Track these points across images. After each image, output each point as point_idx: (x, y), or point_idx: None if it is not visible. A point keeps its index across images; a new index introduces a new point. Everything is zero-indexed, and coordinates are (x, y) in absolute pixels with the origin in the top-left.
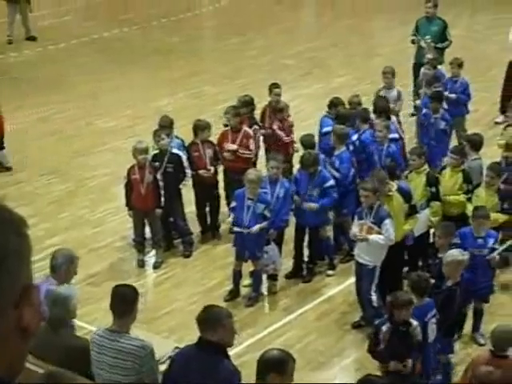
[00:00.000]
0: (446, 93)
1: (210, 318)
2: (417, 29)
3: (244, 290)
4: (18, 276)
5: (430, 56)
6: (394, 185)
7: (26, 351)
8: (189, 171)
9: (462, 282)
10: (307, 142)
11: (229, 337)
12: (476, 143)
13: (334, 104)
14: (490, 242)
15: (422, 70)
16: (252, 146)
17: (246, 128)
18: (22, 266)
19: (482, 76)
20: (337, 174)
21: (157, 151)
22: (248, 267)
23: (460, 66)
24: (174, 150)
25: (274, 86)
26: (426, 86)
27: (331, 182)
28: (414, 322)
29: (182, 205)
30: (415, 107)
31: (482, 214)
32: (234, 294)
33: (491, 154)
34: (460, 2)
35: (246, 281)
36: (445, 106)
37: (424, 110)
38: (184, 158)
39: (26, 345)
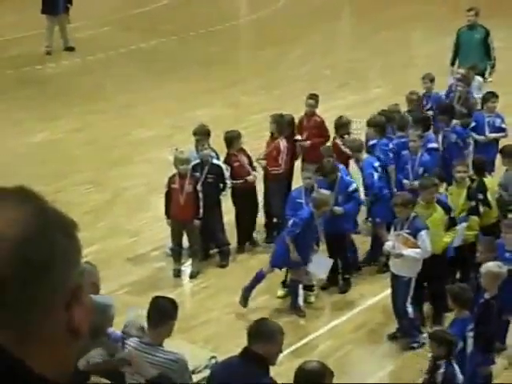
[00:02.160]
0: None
1: (263, 331)
2: (458, 38)
3: (277, 301)
4: (69, 276)
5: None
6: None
7: (76, 352)
8: (229, 182)
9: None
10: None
11: (276, 353)
12: (511, 153)
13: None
14: None
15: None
16: (280, 161)
17: (280, 141)
18: (70, 267)
19: None
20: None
21: (198, 161)
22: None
23: (432, 80)
24: (215, 161)
25: (310, 96)
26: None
27: (354, 186)
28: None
29: (222, 215)
30: None
31: (506, 224)
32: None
33: None
34: (498, 14)
35: (280, 291)
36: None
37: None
38: (224, 168)
39: (76, 346)
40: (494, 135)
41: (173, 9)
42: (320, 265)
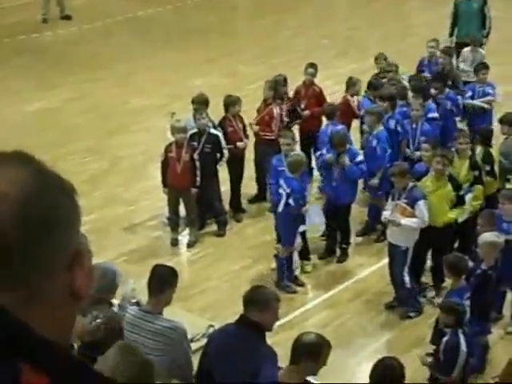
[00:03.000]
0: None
1: (258, 299)
2: (456, 8)
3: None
4: (71, 238)
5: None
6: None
7: (75, 316)
8: (226, 151)
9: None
10: None
11: (272, 320)
12: (511, 122)
13: (374, 85)
14: None
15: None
16: (274, 127)
17: (273, 107)
18: (72, 229)
19: None
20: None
21: (195, 130)
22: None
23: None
24: (212, 131)
25: (309, 65)
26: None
27: (360, 157)
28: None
29: (219, 185)
30: None
31: (504, 195)
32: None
33: None
34: None
35: (274, 264)
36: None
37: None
38: (222, 138)
39: (76, 309)
40: (481, 100)
41: None
42: (317, 214)
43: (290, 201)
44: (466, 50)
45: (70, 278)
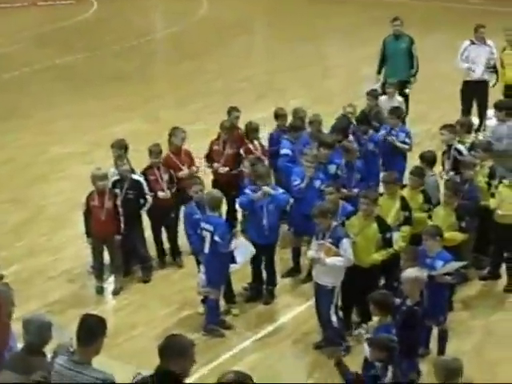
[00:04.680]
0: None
1: (173, 348)
2: (384, 47)
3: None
4: None
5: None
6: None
7: None
8: (149, 197)
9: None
10: None
11: (189, 367)
12: (430, 160)
13: (294, 127)
14: (439, 263)
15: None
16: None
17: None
18: None
19: (435, 95)
20: None
21: (117, 177)
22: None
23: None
24: (134, 176)
25: (234, 109)
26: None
27: (282, 190)
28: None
29: (143, 231)
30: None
31: (426, 231)
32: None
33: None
34: (411, 25)
35: (201, 308)
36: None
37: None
38: (144, 184)
39: None
40: (399, 145)
41: (85, 26)
42: (242, 249)
43: (216, 238)
44: (383, 98)
45: None
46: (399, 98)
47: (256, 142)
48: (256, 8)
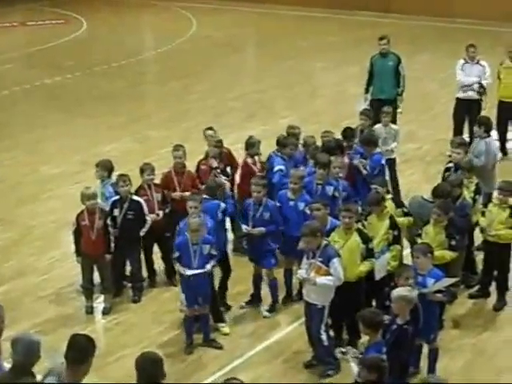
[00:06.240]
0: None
1: (145, 365)
2: (371, 65)
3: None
4: None
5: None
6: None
7: None
8: (149, 218)
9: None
10: None
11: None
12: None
13: (282, 143)
14: (430, 281)
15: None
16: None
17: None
18: None
19: (424, 114)
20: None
21: (117, 197)
22: None
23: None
24: (134, 197)
25: (208, 128)
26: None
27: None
28: None
29: (140, 252)
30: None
31: (418, 249)
32: (189, 343)
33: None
34: (398, 43)
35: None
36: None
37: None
38: (144, 205)
39: None
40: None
41: (75, 45)
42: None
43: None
44: (378, 126)
45: None
46: (395, 127)
47: (256, 158)
48: (244, 28)
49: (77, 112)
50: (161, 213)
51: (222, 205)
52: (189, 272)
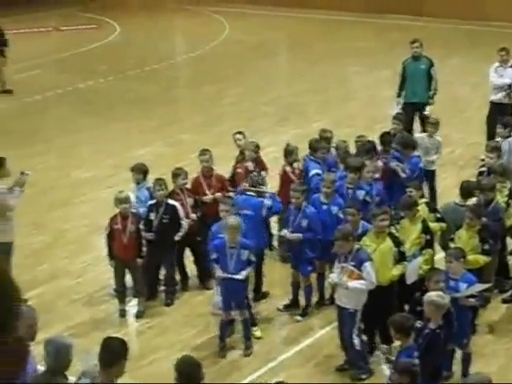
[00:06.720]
0: None
1: (184, 369)
2: (404, 69)
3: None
4: None
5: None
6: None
7: None
8: (184, 222)
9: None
10: None
11: None
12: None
13: (314, 148)
14: (463, 286)
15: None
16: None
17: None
18: None
19: (456, 117)
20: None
21: (153, 201)
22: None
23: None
24: (170, 201)
25: (237, 133)
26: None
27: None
28: None
29: (174, 256)
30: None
31: (450, 253)
32: (222, 347)
33: None
34: (430, 47)
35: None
36: None
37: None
38: (180, 209)
39: None
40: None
41: (108, 50)
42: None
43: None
44: (422, 135)
45: None
46: (439, 138)
47: (295, 165)
48: (276, 32)
49: (109, 116)
50: (194, 216)
51: (267, 201)
52: (223, 275)
